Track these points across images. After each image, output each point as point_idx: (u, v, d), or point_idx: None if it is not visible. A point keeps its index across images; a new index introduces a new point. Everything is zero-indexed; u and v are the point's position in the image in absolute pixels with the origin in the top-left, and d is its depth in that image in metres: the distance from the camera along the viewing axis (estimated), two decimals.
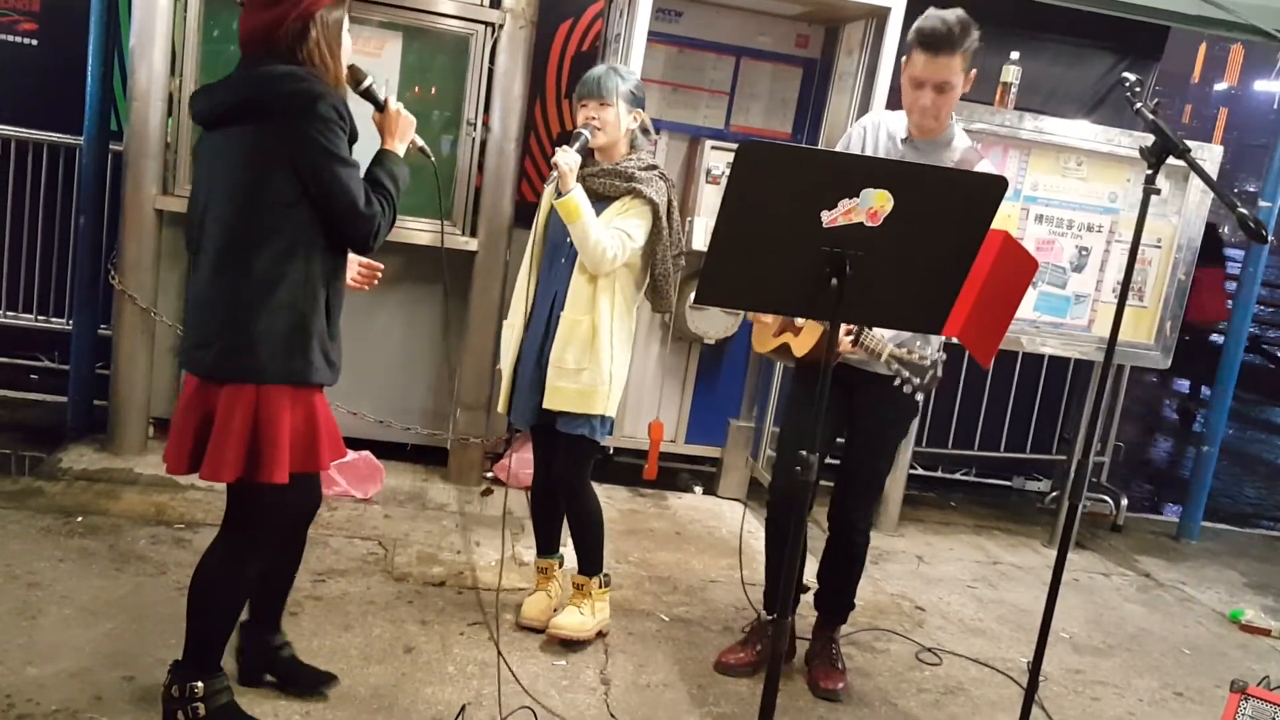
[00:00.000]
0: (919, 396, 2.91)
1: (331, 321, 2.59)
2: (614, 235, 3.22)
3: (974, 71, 3.07)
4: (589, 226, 3.19)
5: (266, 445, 2.49)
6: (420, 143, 2.75)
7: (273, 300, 2.46)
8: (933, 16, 2.99)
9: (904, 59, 3.10)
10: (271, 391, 2.49)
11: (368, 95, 2.66)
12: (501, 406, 3.50)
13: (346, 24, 2.54)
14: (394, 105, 2.67)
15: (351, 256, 2.74)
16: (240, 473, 2.51)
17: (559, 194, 3.18)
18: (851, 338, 3.02)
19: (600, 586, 3.52)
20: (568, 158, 3.18)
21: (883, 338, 2.98)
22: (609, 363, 3.31)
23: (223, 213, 2.50)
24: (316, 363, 2.53)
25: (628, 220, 3.26)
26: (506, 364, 3.44)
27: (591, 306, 3.29)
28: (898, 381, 2.88)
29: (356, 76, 2.63)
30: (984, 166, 3.11)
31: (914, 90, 3.06)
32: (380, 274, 2.90)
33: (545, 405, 3.32)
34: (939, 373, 2.86)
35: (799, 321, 3.29)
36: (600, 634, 3.54)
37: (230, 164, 2.49)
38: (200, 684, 2.62)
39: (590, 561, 3.51)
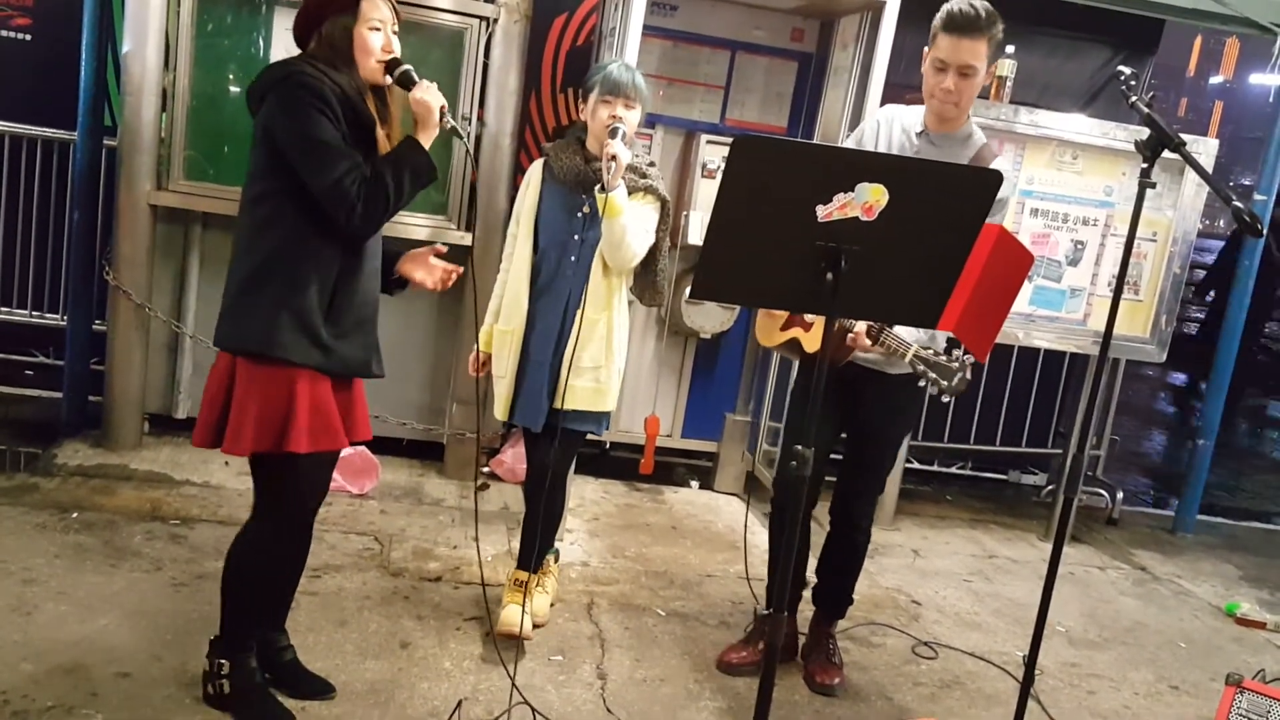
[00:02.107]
0: (946, 399, 2.88)
1: (334, 305, 2.60)
2: (641, 232, 3.22)
3: (995, 65, 3.07)
4: (628, 224, 3.15)
5: (232, 417, 2.58)
6: (450, 122, 2.66)
7: (248, 273, 2.58)
8: (961, 1, 3.00)
9: (925, 48, 3.09)
10: (240, 363, 2.58)
11: (401, 82, 2.64)
12: (501, 413, 3.36)
13: (378, 23, 2.57)
14: (418, 91, 2.61)
15: (435, 262, 2.86)
16: (213, 443, 2.63)
17: (602, 188, 3.09)
18: (871, 338, 2.98)
19: (536, 585, 3.50)
20: (626, 153, 3.11)
21: (906, 337, 2.95)
22: (619, 359, 3.33)
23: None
24: (284, 339, 2.54)
25: (644, 216, 3.25)
26: (507, 370, 3.32)
27: (608, 303, 3.28)
28: (922, 383, 2.86)
29: (391, 68, 2.62)
30: (998, 164, 3.07)
31: (936, 73, 3.04)
32: (452, 275, 2.88)
33: (558, 405, 3.24)
34: (968, 374, 2.84)
35: (809, 316, 3.27)
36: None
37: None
38: (226, 663, 2.76)
39: (541, 556, 3.46)
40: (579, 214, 3.26)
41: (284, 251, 2.56)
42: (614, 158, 3.06)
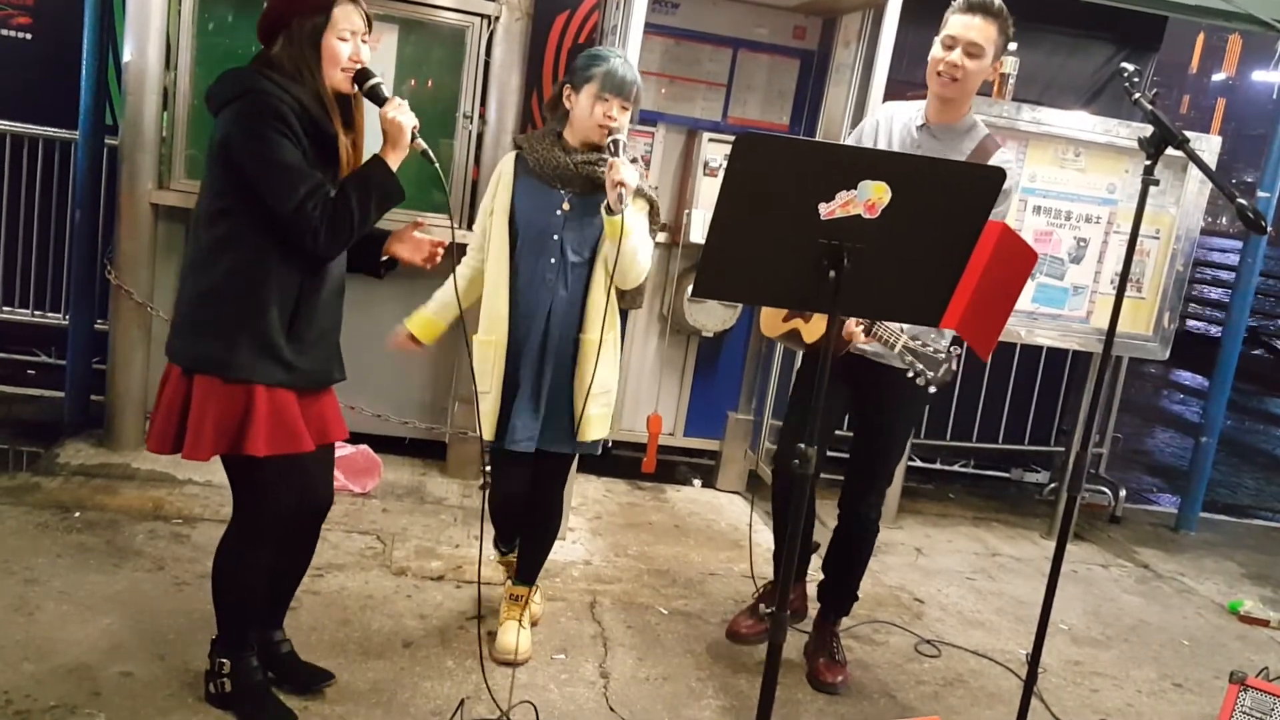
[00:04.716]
0: (933, 389, 2.89)
1: (296, 321, 2.56)
2: (645, 244, 3.06)
3: (999, 62, 3.06)
4: (640, 243, 2.99)
5: (190, 424, 2.54)
6: (422, 145, 2.59)
7: (206, 290, 2.52)
8: None
9: (935, 38, 3.08)
10: (198, 378, 2.52)
11: (371, 96, 2.58)
12: (490, 433, 3.10)
13: (347, 33, 2.51)
14: (389, 110, 2.54)
15: (419, 236, 2.82)
16: (172, 449, 2.60)
17: (609, 210, 2.89)
18: (864, 328, 2.99)
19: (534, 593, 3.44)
20: (634, 175, 2.90)
21: (896, 329, 2.96)
22: (617, 373, 3.23)
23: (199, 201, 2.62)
24: (244, 361, 2.49)
25: (644, 224, 3.08)
26: (493, 385, 3.09)
27: (611, 322, 3.10)
28: (911, 374, 2.87)
29: (361, 79, 2.56)
30: (1001, 156, 3.07)
31: (943, 50, 3.03)
32: (439, 250, 2.83)
33: (584, 438, 3.11)
34: (954, 366, 2.85)
35: None
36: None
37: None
38: (226, 661, 2.76)
39: (538, 571, 3.38)
40: (558, 211, 3.05)
41: (243, 271, 2.49)
42: (621, 183, 2.86)
